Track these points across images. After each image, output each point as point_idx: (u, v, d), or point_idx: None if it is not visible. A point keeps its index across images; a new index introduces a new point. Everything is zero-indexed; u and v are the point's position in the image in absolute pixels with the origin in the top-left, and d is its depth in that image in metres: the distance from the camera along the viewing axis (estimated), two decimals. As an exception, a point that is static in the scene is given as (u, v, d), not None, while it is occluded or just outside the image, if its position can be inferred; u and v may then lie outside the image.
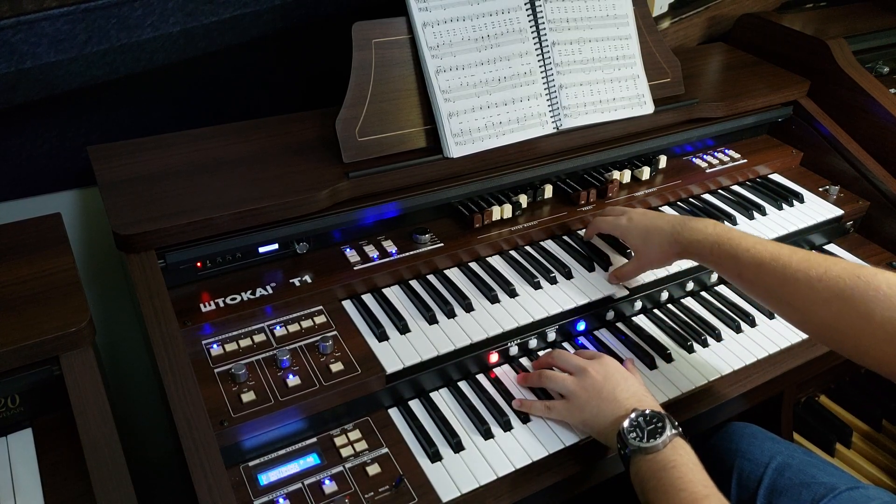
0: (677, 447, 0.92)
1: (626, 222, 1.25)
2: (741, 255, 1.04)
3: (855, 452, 1.75)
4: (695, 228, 1.13)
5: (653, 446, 0.91)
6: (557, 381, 1.08)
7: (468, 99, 1.30)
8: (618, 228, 1.27)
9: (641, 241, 1.21)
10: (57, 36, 1.23)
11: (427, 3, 1.26)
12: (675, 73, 1.58)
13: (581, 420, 1.04)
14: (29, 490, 0.90)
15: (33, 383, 0.97)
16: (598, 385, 1.03)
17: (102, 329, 1.42)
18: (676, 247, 1.15)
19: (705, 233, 1.11)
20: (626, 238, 1.26)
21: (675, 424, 0.94)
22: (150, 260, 1.08)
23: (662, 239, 1.17)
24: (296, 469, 0.99)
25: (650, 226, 1.20)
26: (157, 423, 1.68)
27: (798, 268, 0.98)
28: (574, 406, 1.04)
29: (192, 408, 0.93)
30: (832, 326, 0.95)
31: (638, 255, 1.24)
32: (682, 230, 1.14)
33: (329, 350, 1.08)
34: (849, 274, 0.93)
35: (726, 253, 1.07)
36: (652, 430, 0.93)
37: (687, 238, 1.13)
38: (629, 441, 0.93)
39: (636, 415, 0.96)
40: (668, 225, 1.17)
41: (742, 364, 1.23)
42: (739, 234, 1.08)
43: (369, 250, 1.26)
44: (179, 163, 1.24)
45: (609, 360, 1.09)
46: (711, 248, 1.09)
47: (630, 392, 1.02)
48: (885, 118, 1.64)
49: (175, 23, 1.33)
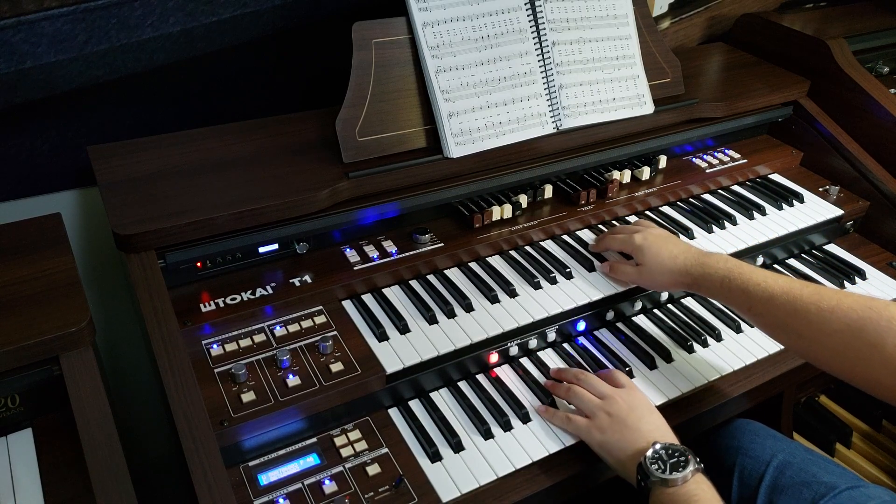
0: (699, 482, 0.92)
1: (641, 241, 1.23)
2: (752, 289, 1.06)
3: (855, 452, 1.75)
4: (706, 264, 1.13)
5: (674, 479, 0.91)
6: (585, 399, 1.07)
7: (468, 99, 1.30)
8: (629, 246, 1.25)
9: (652, 265, 1.20)
10: (57, 36, 1.23)
11: (427, 3, 1.26)
12: (675, 73, 1.58)
13: (600, 442, 1.02)
14: (29, 490, 0.90)
15: (33, 383, 0.97)
16: (623, 413, 1.03)
17: (102, 329, 1.43)
18: (687, 278, 1.16)
19: (716, 268, 1.11)
20: (636, 257, 1.24)
21: (697, 459, 0.94)
22: (150, 260, 1.08)
23: (674, 268, 1.17)
24: (296, 469, 0.99)
25: (664, 253, 1.19)
26: (157, 423, 1.68)
27: (809, 300, 0.99)
28: (595, 427, 1.03)
29: (192, 408, 0.93)
30: (843, 357, 0.96)
31: (642, 274, 1.23)
32: (694, 264, 1.15)
33: (329, 350, 1.08)
34: (860, 305, 0.94)
35: (737, 287, 1.08)
36: (675, 463, 0.93)
37: (698, 272, 1.14)
38: (651, 472, 0.93)
39: (659, 447, 0.96)
40: (681, 256, 1.17)
41: (742, 364, 1.23)
42: (749, 269, 1.09)
43: (369, 250, 1.26)
44: (179, 163, 1.24)
45: (636, 391, 1.09)
46: (722, 282, 1.10)
47: (654, 425, 1.02)
48: (885, 118, 1.64)
49: (175, 23, 1.33)
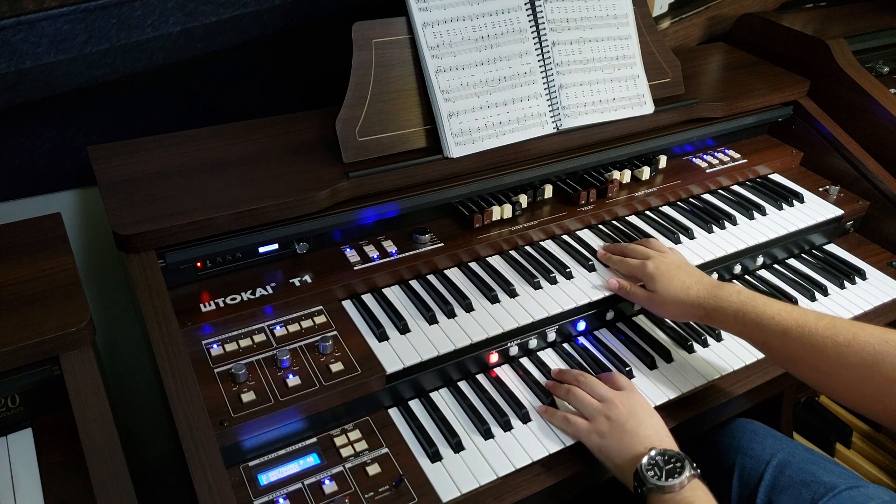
0: (695, 488, 0.91)
1: (653, 270, 1.20)
2: (766, 322, 1.05)
3: (855, 452, 1.75)
4: (719, 296, 1.11)
5: (670, 486, 0.91)
6: (585, 402, 1.07)
7: (468, 99, 1.30)
8: (640, 273, 1.23)
9: (663, 294, 1.18)
10: (57, 36, 1.23)
11: (427, 3, 1.26)
12: (675, 72, 1.58)
13: (598, 446, 1.02)
14: (29, 490, 0.90)
15: (33, 383, 0.97)
16: (622, 417, 1.02)
17: (102, 329, 1.43)
18: (699, 311, 1.14)
19: (729, 301, 1.10)
20: (647, 284, 1.22)
21: (693, 465, 0.93)
22: (150, 260, 1.08)
23: (686, 300, 1.15)
24: (296, 469, 0.99)
25: (676, 284, 1.17)
26: (157, 423, 1.68)
27: (825, 334, 0.99)
28: (594, 430, 1.03)
29: (192, 408, 0.93)
30: (861, 391, 0.96)
31: (653, 301, 1.20)
32: (707, 297, 1.13)
33: (329, 350, 1.08)
34: (877, 339, 0.94)
35: (751, 321, 1.07)
36: (671, 469, 0.93)
37: (711, 305, 1.12)
38: (647, 479, 0.93)
39: (655, 453, 0.95)
40: (693, 287, 1.15)
41: (742, 364, 1.23)
42: (763, 302, 1.08)
43: (369, 250, 1.26)
44: (179, 163, 1.24)
45: (636, 394, 1.08)
46: (735, 315, 1.09)
47: (653, 430, 1.01)
48: (885, 118, 1.64)
49: (175, 23, 1.33)
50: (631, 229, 1.43)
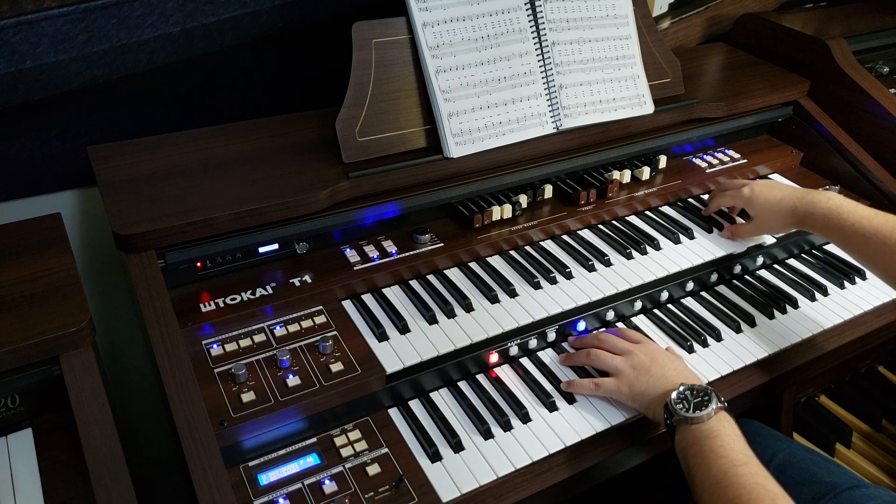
0: (721, 419, 0.96)
1: (749, 194, 1.37)
2: (846, 229, 1.21)
3: (855, 452, 1.75)
4: (810, 202, 1.27)
5: (697, 417, 0.96)
6: (607, 360, 1.13)
7: (468, 99, 1.30)
8: (740, 199, 1.39)
9: (763, 213, 1.35)
10: (57, 36, 1.23)
11: (427, 3, 1.26)
12: (675, 73, 1.58)
13: (629, 395, 1.09)
14: (29, 490, 0.90)
15: (33, 383, 0.97)
16: (646, 364, 1.10)
17: (102, 329, 1.43)
18: (794, 218, 1.30)
19: (818, 206, 1.25)
20: (747, 208, 1.38)
21: (720, 398, 0.98)
22: (150, 260, 1.08)
23: (782, 211, 1.31)
24: (296, 469, 0.99)
25: (772, 199, 1.34)
26: (157, 423, 1.68)
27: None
28: (623, 382, 1.10)
29: (192, 408, 0.93)
30: None
31: (758, 222, 1.37)
32: (799, 203, 1.29)
33: (329, 350, 1.08)
34: None
35: (834, 226, 1.22)
36: (698, 402, 0.98)
37: (803, 211, 1.28)
38: (676, 411, 0.98)
39: (684, 388, 1.01)
40: (786, 198, 1.31)
41: (742, 364, 1.23)
42: (849, 209, 1.22)
43: (369, 250, 1.26)
44: (179, 163, 1.24)
45: (653, 343, 1.17)
46: (822, 220, 1.24)
47: (677, 371, 1.09)
48: (885, 118, 1.64)
49: (175, 23, 1.33)
50: (631, 229, 1.43)
